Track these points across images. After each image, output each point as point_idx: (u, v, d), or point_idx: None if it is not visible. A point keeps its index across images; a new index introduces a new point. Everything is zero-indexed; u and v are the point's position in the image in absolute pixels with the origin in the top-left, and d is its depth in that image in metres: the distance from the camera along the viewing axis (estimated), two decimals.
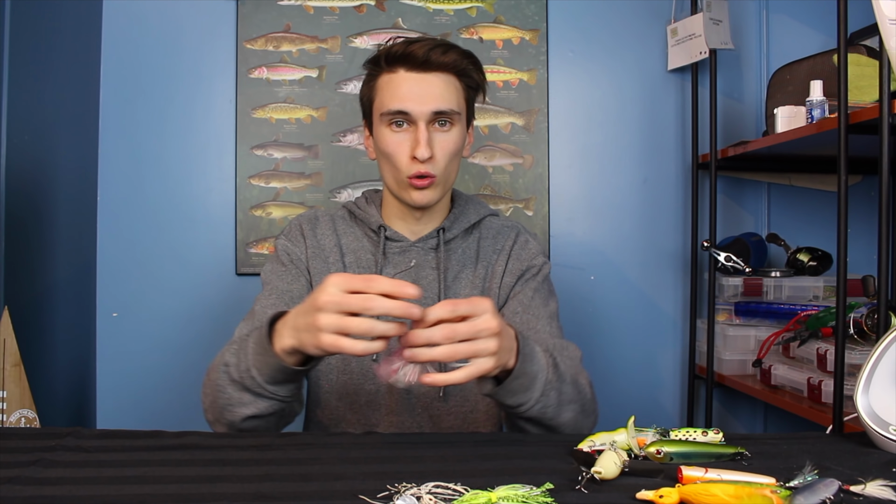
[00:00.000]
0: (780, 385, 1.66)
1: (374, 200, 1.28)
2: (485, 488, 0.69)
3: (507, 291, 1.22)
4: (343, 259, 1.23)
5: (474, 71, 1.19)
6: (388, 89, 1.16)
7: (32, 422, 1.38)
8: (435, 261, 1.22)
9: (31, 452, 0.84)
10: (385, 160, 1.19)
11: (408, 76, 1.15)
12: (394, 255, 1.22)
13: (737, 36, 1.99)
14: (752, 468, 0.80)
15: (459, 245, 1.25)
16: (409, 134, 1.15)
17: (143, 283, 1.87)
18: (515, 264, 1.24)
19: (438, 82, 1.15)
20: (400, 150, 1.15)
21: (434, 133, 1.15)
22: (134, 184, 1.87)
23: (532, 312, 1.19)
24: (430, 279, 1.21)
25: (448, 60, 1.15)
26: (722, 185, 1.99)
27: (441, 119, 1.16)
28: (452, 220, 1.24)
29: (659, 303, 2.01)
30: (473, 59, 1.19)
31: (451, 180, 1.21)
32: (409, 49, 1.14)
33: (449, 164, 1.17)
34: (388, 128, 1.16)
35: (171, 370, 1.87)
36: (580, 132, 1.99)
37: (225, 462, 0.83)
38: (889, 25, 1.14)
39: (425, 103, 1.14)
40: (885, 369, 0.90)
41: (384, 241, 1.22)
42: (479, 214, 1.27)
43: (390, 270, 1.21)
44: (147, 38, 1.88)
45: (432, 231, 1.23)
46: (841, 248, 1.35)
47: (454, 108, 1.16)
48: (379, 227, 1.23)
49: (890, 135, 1.24)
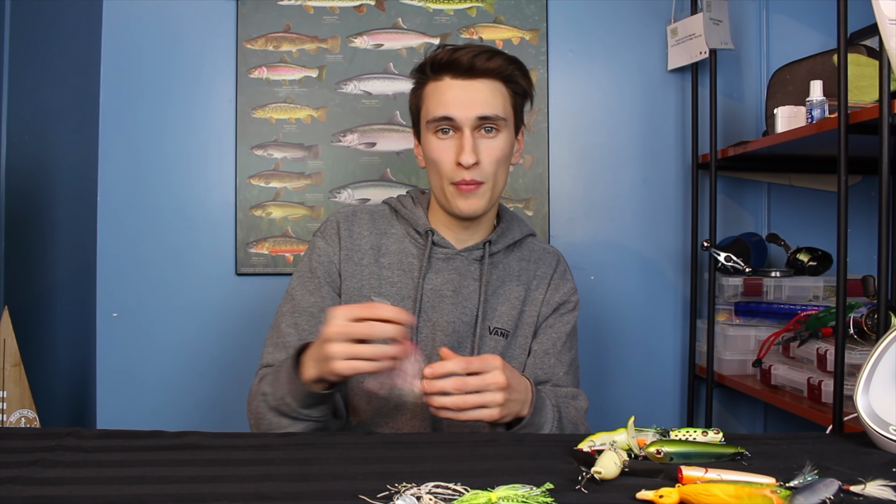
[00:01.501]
0: (780, 385, 1.66)
1: (422, 202, 1.27)
2: (485, 488, 0.69)
3: (542, 320, 1.25)
4: (378, 260, 1.22)
5: (521, 77, 1.19)
6: (433, 97, 1.16)
7: (32, 422, 1.38)
8: (478, 272, 1.22)
9: (31, 452, 0.84)
10: (432, 167, 1.18)
11: (453, 83, 1.15)
12: (437, 262, 1.21)
13: (737, 36, 1.99)
14: (752, 468, 0.80)
15: (501, 260, 1.25)
16: (455, 140, 1.15)
17: (143, 283, 1.87)
18: (554, 295, 1.26)
19: (484, 88, 1.15)
20: (445, 157, 1.15)
21: (480, 139, 1.15)
22: (134, 184, 1.87)
23: (558, 358, 1.23)
24: (470, 290, 1.21)
25: (493, 66, 1.15)
26: (722, 185, 1.99)
27: (487, 125, 1.15)
28: (499, 234, 1.24)
29: (659, 303, 2.01)
30: (519, 65, 1.19)
31: (499, 188, 1.20)
32: (453, 56, 1.14)
33: (496, 170, 1.17)
34: (435, 135, 1.16)
35: (171, 370, 1.87)
36: (580, 132, 1.99)
37: (225, 462, 0.83)
38: (889, 25, 1.14)
39: (470, 109, 1.13)
40: (885, 369, 0.90)
41: (431, 246, 1.21)
42: (521, 233, 1.28)
43: (433, 276, 1.21)
44: (147, 38, 1.88)
45: (479, 242, 1.23)
46: (841, 248, 1.35)
47: (499, 114, 1.15)
48: (426, 230, 1.22)
49: (890, 135, 1.24)
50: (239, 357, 1.88)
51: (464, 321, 1.20)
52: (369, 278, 1.21)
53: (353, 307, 0.95)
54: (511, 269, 1.25)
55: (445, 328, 1.19)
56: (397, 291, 1.20)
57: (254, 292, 1.90)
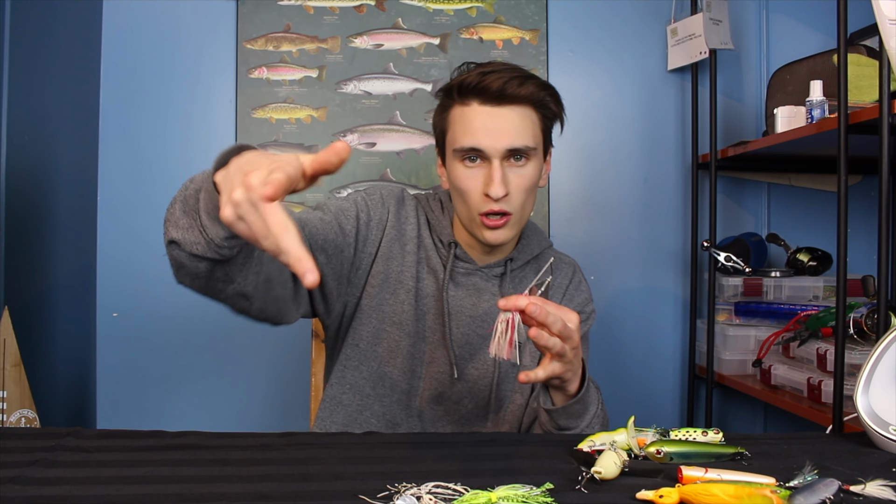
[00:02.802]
0: (780, 385, 1.66)
1: (449, 211, 1.23)
2: (485, 488, 0.70)
3: None
4: (418, 252, 1.19)
5: (552, 103, 1.13)
6: (461, 123, 1.10)
7: (32, 422, 1.38)
8: (496, 287, 1.20)
9: (31, 452, 0.84)
10: (458, 195, 1.14)
11: (481, 110, 1.09)
12: (458, 275, 1.19)
13: (737, 36, 1.99)
14: (752, 468, 0.80)
15: (518, 275, 1.23)
16: (483, 170, 1.10)
17: (143, 283, 1.87)
18: (568, 305, 1.24)
19: (514, 117, 1.09)
20: (473, 186, 1.10)
21: (508, 169, 1.10)
22: (134, 184, 1.87)
23: None
24: (490, 304, 1.19)
25: (525, 93, 1.08)
26: (722, 185, 1.99)
27: (516, 155, 1.10)
28: (520, 250, 1.23)
29: (659, 303, 2.01)
30: (552, 91, 1.13)
31: (526, 216, 1.16)
32: (483, 81, 1.08)
33: (525, 200, 1.13)
34: (462, 163, 1.11)
35: (171, 370, 1.87)
36: (580, 132, 1.99)
37: (225, 462, 0.83)
38: (889, 25, 1.14)
39: (499, 140, 1.08)
40: (885, 369, 0.90)
41: (453, 258, 1.18)
42: (540, 247, 1.26)
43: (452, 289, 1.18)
44: (147, 38, 1.88)
45: (500, 260, 1.21)
46: (841, 248, 1.35)
47: (530, 144, 1.10)
48: (450, 243, 1.19)
49: (890, 135, 1.24)
50: (239, 357, 1.88)
51: (478, 334, 1.19)
52: (411, 266, 1.17)
53: (298, 168, 0.69)
54: (528, 280, 1.23)
55: (459, 340, 1.18)
56: (424, 287, 1.18)
57: None
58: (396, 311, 1.17)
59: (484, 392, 1.19)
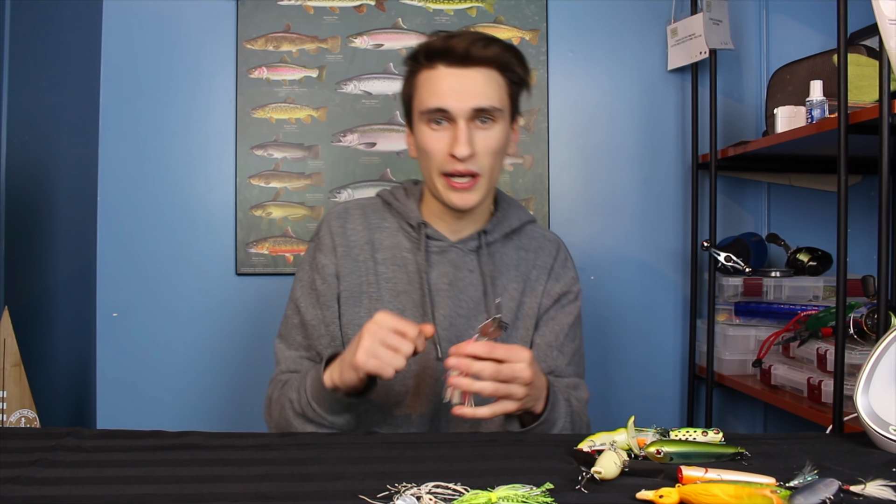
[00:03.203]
0: (780, 385, 1.66)
1: (414, 194, 1.24)
2: (485, 488, 0.69)
3: (543, 311, 1.23)
4: (374, 256, 1.20)
5: (518, 65, 1.15)
6: (427, 86, 1.12)
7: (32, 422, 1.38)
8: (475, 263, 1.19)
9: (31, 452, 0.84)
10: (424, 157, 1.15)
11: (447, 72, 1.11)
12: (433, 255, 1.19)
13: (737, 36, 1.99)
14: (752, 468, 0.80)
15: (499, 250, 1.22)
16: (449, 132, 1.11)
17: (143, 283, 1.87)
18: (555, 286, 1.23)
19: (479, 77, 1.11)
20: (438, 147, 1.12)
21: (475, 130, 1.11)
22: (134, 184, 1.87)
23: (560, 350, 1.22)
24: (467, 282, 1.19)
25: (490, 54, 1.11)
26: (722, 185, 1.99)
27: (482, 116, 1.11)
28: (495, 223, 1.22)
29: (659, 303, 2.01)
30: (517, 53, 1.15)
31: (494, 180, 1.17)
32: (448, 43, 1.11)
33: (492, 162, 1.13)
34: (428, 125, 1.13)
35: (171, 370, 1.87)
36: (580, 132, 1.99)
37: (225, 462, 0.83)
38: (889, 25, 1.14)
39: (465, 100, 1.10)
40: (885, 369, 0.90)
41: (424, 240, 1.19)
42: (520, 220, 1.25)
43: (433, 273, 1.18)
44: (147, 38, 1.88)
45: (474, 233, 1.20)
46: (841, 248, 1.35)
47: (496, 105, 1.11)
48: (419, 224, 1.19)
49: (890, 135, 1.24)
50: (239, 356, 1.88)
51: (460, 314, 1.18)
52: (366, 274, 1.19)
53: (399, 321, 1.00)
54: (508, 258, 1.22)
55: (442, 322, 1.17)
56: (392, 286, 1.18)
57: (254, 292, 1.90)
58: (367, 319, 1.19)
59: None
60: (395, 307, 1.17)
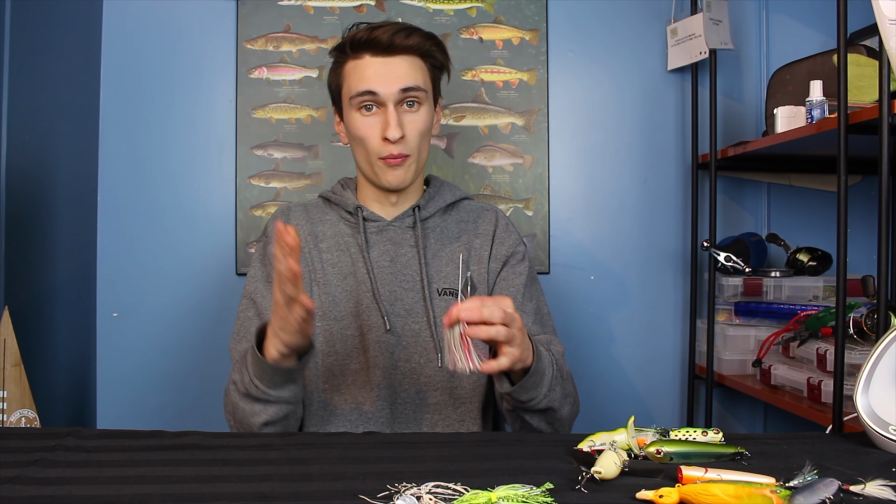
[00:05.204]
0: (779, 385, 1.66)
1: (350, 186, 1.32)
2: (485, 488, 0.70)
3: (493, 276, 1.27)
4: (318, 245, 1.26)
5: (437, 51, 1.23)
6: (355, 74, 1.20)
7: (32, 422, 1.38)
8: (413, 239, 1.25)
9: (31, 452, 0.84)
10: (357, 144, 1.22)
11: (373, 61, 1.19)
12: (372, 236, 1.25)
13: (737, 36, 1.99)
14: (752, 468, 0.80)
15: (437, 224, 1.28)
16: (379, 117, 1.19)
17: (143, 283, 1.87)
18: (500, 249, 1.28)
19: (403, 63, 1.19)
20: (371, 133, 1.19)
21: (403, 114, 1.19)
22: (134, 184, 1.87)
23: (521, 309, 1.20)
24: (408, 256, 1.25)
25: (412, 43, 1.19)
26: (722, 185, 1.99)
27: (409, 99, 1.19)
28: (427, 199, 1.28)
29: (659, 303, 2.01)
30: (436, 41, 1.23)
31: (423, 159, 1.25)
32: (373, 35, 1.19)
33: (420, 142, 1.22)
34: (358, 112, 1.20)
35: (171, 370, 1.87)
36: (580, 132, 1.99)
37: (225, 462, 0.83)
38: (889, 25, 1.14)
39: (392, 83, 1.17)
40: (885, 369, 0.90)
41: (363, 222, 1.25)
42: (454, 196, 1.31)
43: (374, 251, 1.24)
44: (147, 38, 1.88)
45: (408, 210, 1.27)
46: (841, 248, 1.35)
47: (421, 85, 1.19)
48: (356, 208, 1.26)
49: (890, 135, 1.24)
50: None
51: (405, 288, 1.23)
52: (312, 262, 1.25)
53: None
54: (449, 230, 1.28)
55: (388, 297, 1.22)
56: (338, 271, 1.24)
57: None
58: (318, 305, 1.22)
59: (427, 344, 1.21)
60: (342, 289, 1.23)
